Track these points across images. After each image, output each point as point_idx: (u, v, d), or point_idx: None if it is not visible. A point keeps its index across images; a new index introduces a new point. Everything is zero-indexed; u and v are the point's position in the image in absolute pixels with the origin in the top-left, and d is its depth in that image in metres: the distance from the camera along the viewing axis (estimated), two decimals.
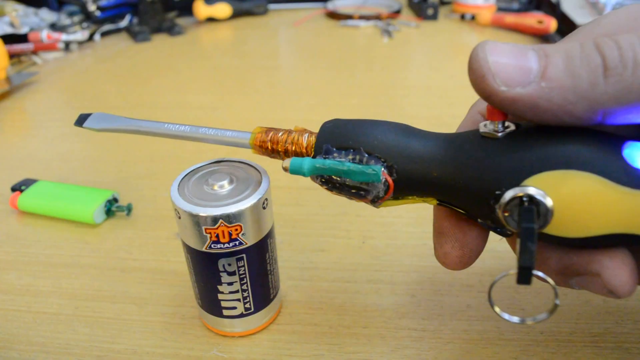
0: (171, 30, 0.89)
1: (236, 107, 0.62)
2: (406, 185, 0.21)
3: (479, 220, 0.21)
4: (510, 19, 0.84)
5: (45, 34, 0.80)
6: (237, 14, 0.97)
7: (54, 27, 0.85)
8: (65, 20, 0.86)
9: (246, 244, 0.26)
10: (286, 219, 0.40)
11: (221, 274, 0.26)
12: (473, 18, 0.90)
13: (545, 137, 0.18)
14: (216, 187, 0.25)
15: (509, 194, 0.18)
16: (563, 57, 0.17)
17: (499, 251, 0.34)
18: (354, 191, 0.21)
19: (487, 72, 0.18)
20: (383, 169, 0.20)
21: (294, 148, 0.23)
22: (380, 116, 0.23)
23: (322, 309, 0.31)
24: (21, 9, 0.85)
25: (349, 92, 0.65)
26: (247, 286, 0.27)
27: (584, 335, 0.29)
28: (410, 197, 0.21)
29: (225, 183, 0.26)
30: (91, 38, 0.87)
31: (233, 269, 0.26)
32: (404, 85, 0.67)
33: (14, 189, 0.42)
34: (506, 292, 0.32)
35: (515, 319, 0.19)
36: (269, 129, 0.24)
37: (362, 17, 0.93)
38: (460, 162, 0.20)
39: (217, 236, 0.25)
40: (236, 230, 0.25)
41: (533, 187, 0.18)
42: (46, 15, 0.87)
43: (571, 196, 0.17)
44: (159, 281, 0.34)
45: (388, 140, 0.21)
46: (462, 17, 0.91)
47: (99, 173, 0.48)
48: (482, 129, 0.20)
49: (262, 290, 0.28)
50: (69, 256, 0.37)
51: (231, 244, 0.25)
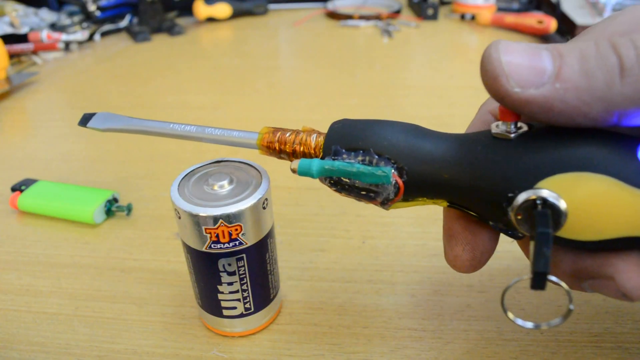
0: (171, 30, 0.89)
1: (236, 107, 0.62)
2: (417, 187, 0.20)
3: (490, 222, 0.20)
4: (510, 19, 0.84)
5: (45, 34, 0.80)
6: (237, 14, 0.97)
7: (54, 27, 0.85)
8: (65, 20, 0.86)
9: (246, 244, 0.26)
10: (286, 219, 0.40)
11: (221, 274, 0.26)
12: (473, 18, 0.90)
13: (559, 138, 0.18)
14: (216, 187, 0.25)
15: (522, 197, 0.18)
16: (578, 57, 0.17)
17: (499, 251, 0.33)
18: (363, 193, 0.21)
19: (500, 73, 0.17)
20: (393, 170, 0.20)
21: (302, 149, 0.23)
22: (381, 116, 0.23)
23: (322, 309, 0.31)
24: (21, 9, 0.85)
25: (349, 92, 0.65)
26: (247, 286, 0.27)
27: (584, 335, 0.29)
28: (420, 199, 0.21)
29: (225, 183, 0.26)
30: (91, 38, 0.87)
31: (233, 269, 0.26)
32: (404, 85, 0.67)
33: (14, 189, 0.42)
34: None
35: (529, 324, 0.18)
36: (276, 129, 0.24)
37: (362, 17, 0.93)
38: (471, 163, 0.19)
39: (217, 236, 0.25)
40: (236, 230, 0.25)
41: (547, 190, 0.17)
42: (46, 15, 0.87)
43: (585, 199, 0.17)
44: (159, 281, 0.34)
45: (398, 141, 0.20)
46: (462, 17, 0.91)
47: (99, 173, 0.48)
48: (494, 130, 0.19)
49: (262, 290, 0.28)
50: (69, 256, 0.37)
51: (231, 244, 0.25)
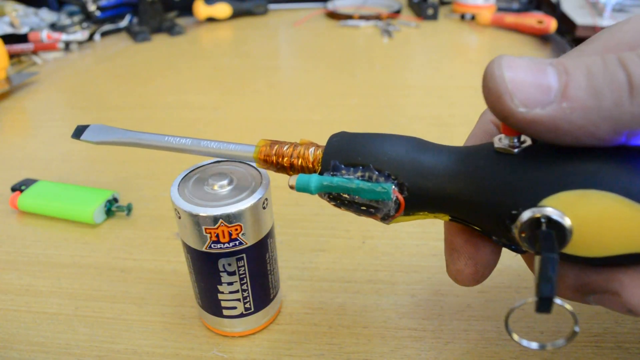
0: (171, 30, 0.89)
1: (236, 107, 0.62)
2: (418, 203, 0.20)
3: (493, 237, 0.20)
4: (510, 19, 0.84)
5: (45, 34, 0.80)
6: (237, 14, 0.97)
7: (54, 27, 0.85)
8: (65, 20, 0.86)
9: (246, 244, 0.26)
10: (286, 219, 0.40)
11: (221, 274, 0.26)
12: (473, 18, 0.90)
13: (564, 154, 0.17)
14: (216, 187, 0.25)
15: (526, 215, 0.17)
16: (584, 74, 0.16)
17: None
18: (363, 208, 0.21)
19: (504, 91, 0.16)
20: (394, 186, 0.20)
21: (300, 162, 0.22)
22: (381, 116, 0.23)
23: (322, 309, 0.31)
24: (21, 9, 0.85)
25: (349, 92, 0.65)
26: (247, 286, 0.27)
27: (584, 335, 0.29)
28: (421, 213, 0.21)
29: (225, 183, 0.26)
30: (91, 38, 0.87)
31: (233, 269, 0.26)
32: (404, 85, 0.67)
33: (14, 189, 0.42)
34: (506, 292, 0.32)
35: (534, 345, 0.18)
36: (273, 142, 0.23)
37: (362, 17, 0.93)
38: (474, 179, 0.19)
39: (217, 236, 0.25)
40: (236, 230, 0.25)
41: (551, 208, 0.17)
42: (46, 15, 0.87)
43: (590, 216, 0.17)
44: (159, 281, 0.34)
45: (399, 156, 0.20)
46: (462, 17, 0.91)
47: (99, 173, 0.48)
48: (496, 144, 0.19)
49: (262, 290, 0.28)
50: (69, 256, 0.37)
51: (231, 244, 0.25)
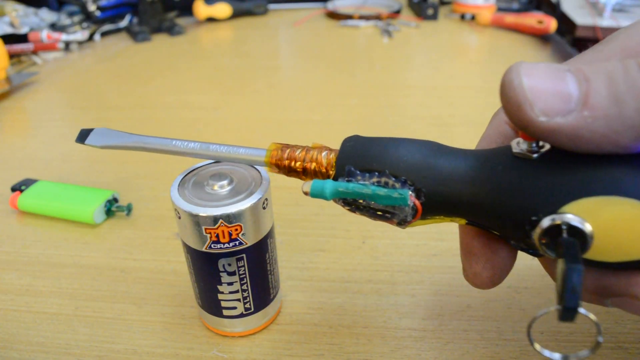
0: (171, 30, 0.89)
1: (236, 107, 0.62)
2: (435, 208, 0.20)
3: (511, 242, 0.20)
4: (510, 19, 0.84)
5: (45, 34, 0.80)
6: (237, 14, 0.97)
7: (54, 27, 0.85)
8: (65, 20, 0.86)
9: (246, 244, 0.26)
10: (286, 219, 0.40)
11: (221, 274, 0.26)
12: (473, 18, 0.90)
13: (583, 160, 0.17)
14: (216, 187, 0.25)
15: (546, 222, 0.17)
16: (605, 81, 0.15)
17: None
18: (379, 213, 0.20)
19: (523, 101, 0.16)
20: (411, 192, 0.19)
21: (313, 166, 0.22)
22: (381, 116, 0.23)
23: (322, 309, 0.31)
24: (21, 9, 0.85)
25: (349, 92, 0.65)
26: (247, 286, 0.27)
27: (584, 335, 0.29)
28: (438, 217, 0.20)
29: (225, 183, 0.26)
30: (91, 38, 0.87)
31: (233, 269, 0.26)
32: (404, 85, 0.67)
33: (14, 189, 0.42)
34: (506, 292, 0.32)
35: (557, 355, 0.18)
36: (285, 146, 0.23)
37: (362, 17, 0.93)
38: (492, 185, 0.19)
39: (217, 236, 0.25)
40: (236, 230, 0.25)
41: (572, 215, 0.17)
42: (46, 15, 0.87)
43: (611, 223, 0.17)
44: (159, 281, 0.34)
45: (415, 161, 0.19)
46: (462, 17, 0.91)
47: (99, 173, 0.48)
48: (514, 149, 0.18)
49: (262, 290, 0.28)
50: (69, 256, 0.37)
51: (231, 244, 0.25)
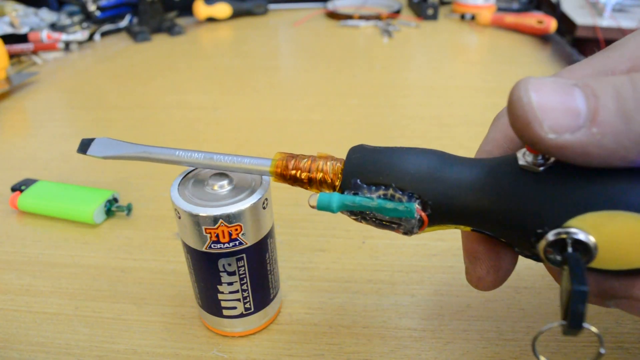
0: (171, 30, 0.89)
1: (236, 107, 0.62)
2: (441, 218, 0.20)
3: (515, 249, 0.20)
4: (510, 19, 0.84)
5: (45, 34, 0.80)
6: (237, 14, 0.97)
7: (54, 27, 0.85)
8: (65, 20, 0.86)
9: (246, 244, 0.26)
10: (286, 219, 0.40)
11: (221, 274, 0.26)
12: (473, 18, 0.90)
13: (589, 173, 0.17)
14: (216, 187, 0.25)
15: (551, 235, 0.17)
16: (613, 97, 0.16)
17: None
18: (385, 223, 0.21)
19: (532, 119, 0.16)
20: (417, 205, 0.19)
21: (319, 177, 0.22)
22: (381, 116, 0.23)
23: (322, 309, 0.31)
24: (21, 9, 0.85)
25: (349, 92, 0.65)
26: (247, 286, 0.27)
27: (584, 335, 0.28)
28: (444, 225, 0.21)
29: (225, 183, 0.26)
30: (91, 38, 0.87)
31: (233, 269, 0.26)
32: (403, 85, 0.67)
33: (14, 189, 0.42)
34: (506, 292, 0.32)
35: None
36: (290, 156, 0.23)
37: (362, 17, 0.93)
38: (498, 198, 0.19)
39: (217, 236, 0.25)
40: (236, 230, 0.25)
41: (577, 229, 0.17)
42: (46, 15, 0.87)
43: (616, 236, 0.17)
44: (159, 281, 0.34)
45: (421, 174, 0.20)
46: (462, 17, 0.91)
47: (99, 173, 0.48)
48: (520, 161, 0.18)
49: (262, 290, 0.28)
50: (69, 256, 0.37)
51: (231, 244, 0.25)
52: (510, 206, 0.18)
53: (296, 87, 0.68)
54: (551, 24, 0.78)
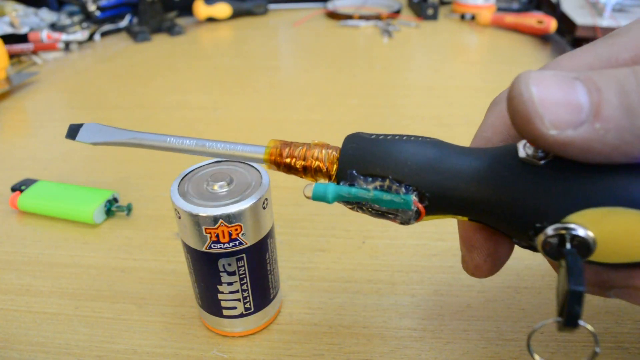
0: (171, 30, 0.89)
1: (236, 107, 0.62)
2: (438, 209, 0.20)
3: (514, 239, 0.20)
4: (510, 19, 0.84)
5: (45, 34, 0.80)
6: (237, 14, 0.97)
7: (54, 27, 0.85)
8: (65, 20, 0.86)
9: (246, 244, 0.26)
10: (286, 219, 0.40)
11: (221, 274, 0.26)
12: (473, 18, 0.90)
13: (590, 169, 0.17)
14: (216, 187, 0.25)
15: (550, 230, 0.17)
16: (616, 91, 0.15)
17: None
18: (382, 214, 0.20)
19: (533, 115, 0.16)
20: (414, 197, 0.19)
21: (314, 165, 0.21)
22: (381, 116, 0.23)
23: (322, 309, 0.31)
24: (21, 9, 0.85)
25: (349, 92, 0.65)
26: (247, 286, 0.27)
27: (584, 335, 0.29)
28: (441, 215, 0.21)
29: (225, 183, 0.26)
30: (91, 38, 0.87)
31: (233, 269, 0.26)
32: (404, 85, 0.67)
33: (14, 189, 0.42)
34: (506, 292, 0.32)
35: None
36: (284, 143, 0.22)
37: (362, 17, 0.93)
38: (497, 190, 0.18)
39: (217, 236, 0.25)
40: (236, 230, 0.25)
41: (576, 225, 0.17)
42: (46, 15, 0.87)
43: (615, 232, 0.17)
44: (159, 281, 0.34)
45: (418, 166, 0.19)
46: (462, 17, 0.91)
47: (99, 173, 0.48)
48: (521, 153, 0.18)
49: (262, 290, 0.28)
50: (69, 256, 0.37)
51: (231, 244, 0.25)
52: (509, 199, 0.18)
53: (296, 87, 0.68)
54: (551, 24, 0.78)
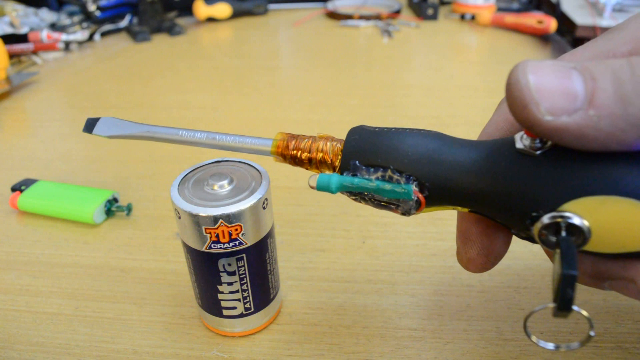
0: (171, 30, 0.89)
1: (236, 107, 0.62)
2: (438, 200, 0.20)
3: (512, 230, 0.20)
4: (510, 19, 0.84)
5: (45, 34, 0.80)
6: (237, 14, 0.97)
7: (54, 27, 0.85)
8: (65, 20, 0.86)
9: (246, 244, 0.26)
10: (286, 219, 0.40)
11: (221, 274, 0.26)
12: (473, 18, 0.90)
13: (585, 158, 0.17)
14: (216, 187, 0.25)
15: (546, 218, 0.18)
16: (611, 80, 0.16)
17: None
18: (383, 204, 0.21)
19: (529, 101, 0.16)
20: (414, 187, 0.20)
21: (319, 157, 0.22)
22: (380, 116, 0.23)
23: (322, 309, 0.31)
24: (21, 9, 0.85)
25: (349, 92, 0.65)
26: (247, 286, 0.27)
27: (584, 335, 0.28)
28: (442, 206, 0.21)
29: (225, 183, 0.26)
30: (91, 38, 0.87)
31: (233, 269, 0.26)
32: (404, 85, 0.67)
33: (14, 189, 0.42)
34: (506, 292, 0.32)
35: (550, 345, 0.19)
36: (291, 136, 0.23)
37: (362, 17, 0.93)
38: (495, 180, 0.19)
39: (217, 236, 0.25)
40: (236, 230, 0.25)
41: (572, 213, 0.17)
42: (46, 15, 0.87)
43: (611, 221, 0.17)
44: (159, 281, 0.34)
45: (419, 157, 0.20)
46: (462, 17, 0.91)
47: (99, 173, 0.48)
48: (518, 144, 0.19)
49: (262, 290, 0.28)
50: (69, 256, 0.37)
51: (231, 244, 0.25)
52: (506, 189, 0.19)
53: (296, 87, 0.68)
54: (551, 24, 0.78)
